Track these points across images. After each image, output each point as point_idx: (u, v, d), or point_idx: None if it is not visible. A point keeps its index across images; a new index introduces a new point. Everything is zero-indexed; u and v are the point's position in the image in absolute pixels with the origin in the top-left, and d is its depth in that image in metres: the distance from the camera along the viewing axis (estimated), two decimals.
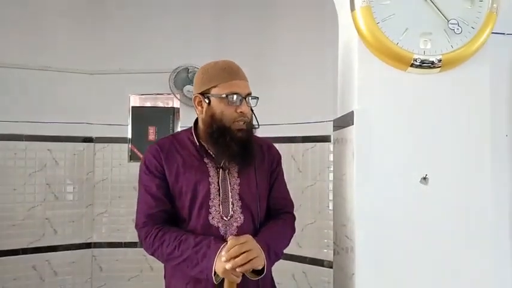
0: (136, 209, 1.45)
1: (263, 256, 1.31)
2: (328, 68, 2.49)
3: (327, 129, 2.45)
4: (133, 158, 3.23)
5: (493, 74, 1.33)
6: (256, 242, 1.32)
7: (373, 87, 1.32)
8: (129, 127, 3.25)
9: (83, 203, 3.19)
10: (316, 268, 2.81)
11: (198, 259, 1.31)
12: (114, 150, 3.24)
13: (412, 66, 1.28)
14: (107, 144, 3.23)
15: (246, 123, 1.41)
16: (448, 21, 1.26)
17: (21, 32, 3.04)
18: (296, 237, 1.60)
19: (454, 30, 1.26)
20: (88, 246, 3.20)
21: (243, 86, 1.41)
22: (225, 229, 1.39)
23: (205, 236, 1.35)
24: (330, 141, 2.67)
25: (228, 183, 1.42)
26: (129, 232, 3.09)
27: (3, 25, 3.00)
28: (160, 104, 3.32)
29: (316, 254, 2.82)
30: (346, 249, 1.42)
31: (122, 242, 3.18)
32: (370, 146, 1.31)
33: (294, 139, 2.94)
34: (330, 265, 2.63)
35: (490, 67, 1.32)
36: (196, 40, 3.19)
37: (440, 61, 1.27)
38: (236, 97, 1.38)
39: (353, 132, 1.33)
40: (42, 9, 3.10)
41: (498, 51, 1.36)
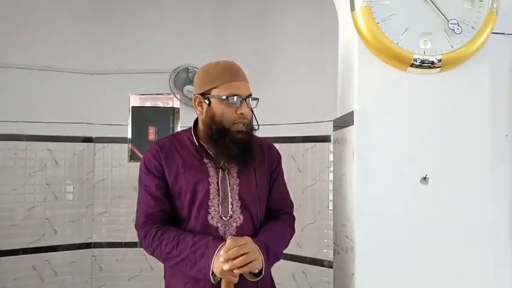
0: (136, 208, 1.45)
1: (261, 258, 1.30)
2: (328, 68, 2.50)
3: (327, 129, 2.45)
4: (133, 158, 3.23)
5: (493, 74, 1.33)
6: (255, 243, 1.32)
7: (373, 87, 1.32)
8: (129, 127, 3.25)
9: (83, 203, 3.19)
10: (316, 268, 2.81)
11: (196, 259, 1.31)
12: (114, 150, 3.24)
13: (412, 66, 1.28)
14: (107, 144, 3.23)
15: (246, 125, 1.40)
16: (448, 21, 1.26)
17: (21, 32, 3.04)
18: (296, 237, 1.60)
19: (454, 30, 1.26)
20: (88, 246, 3.19)
21: (244, 87, 1.41)
22: (224, 229, 1.39)
23: (204, 236, 1.35)
24: (330, 141, 2.67)
25: (227, 184, 1.42)
26: (129, 232, 3.09)
27: (3, 25, 3.00)
28: (160, 104, 3.32)
29: (316, 254, 2.82)
30: (346, 249, 1.42)
31: (121, 242, 3.18)
32: (370, 146, 1.31)
33: (294, 139, 2.94)
34: (330, 265, 2.62)
35: (490, 67, 1.32)
36: (196, 40, 3.19)
37: (440, 61, 1.27)
38: (236, 98, 1.37)
39: (353, 132, 1.33)
40: (42, 9, 3.10)
41: (498, 51, 1.36)
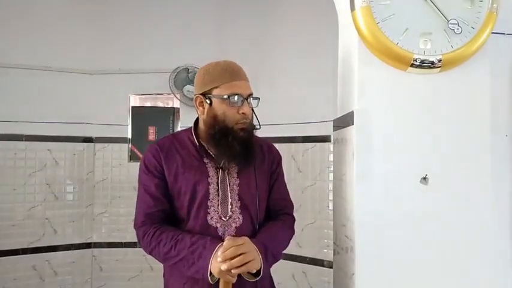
0: (135, 208, 1.45)
1: (259, 259, 1.30)
2: (328, 68, 2.49)
3: (327, 129, 2.44)
4: (133, 158, 3.22)
5: (493, 74, 1.33)
6: (253, 243, 1.32)
7: (373, 87, 1.32)
8: (129, 127, 3.25)
9: (83, 203, 3.19)
10: (316, 268, 2.81)
11: (194, 259, 1.30)
12: (114, 150, 3.24)
13: (412, 66, 1.28)
14: (107, 144, 3.23)
15: (248, 124, 1.40)
16: (448, 21, 1.26)
17: (21, 32, 3.04)
18: (296, 237, 1.60)
19: (454, 30, 1.26)
20: (88, 246, 3.19)
21: (245, 87, 1.41)
22: (223, 229, 1.39)
23: (202, 236, 1.34)
24: (330, 141, 2.67)
25: (227, 184, 1.42)
26: (129, 232, 3.07)
27: (3, 25, 3.00)
28: (160, 104, 3.32)
29: (316, 254, 2.82)
30: (346, 249, 1.42)
31: (121, 242, 3.18)
32: (370, 146, 1.31)
33: (294, 139, 2.94)
34: (330, 265, 2.62)
35: (490, 67, 1.32)
36: (196, 40, 3.19)
37: (440, 61, 1.27)
38: (238, 98, 1.37)
39: (353, 132, 1.33)
40: (42, 9, 3.10)
41: (498, 51, 1.35)
